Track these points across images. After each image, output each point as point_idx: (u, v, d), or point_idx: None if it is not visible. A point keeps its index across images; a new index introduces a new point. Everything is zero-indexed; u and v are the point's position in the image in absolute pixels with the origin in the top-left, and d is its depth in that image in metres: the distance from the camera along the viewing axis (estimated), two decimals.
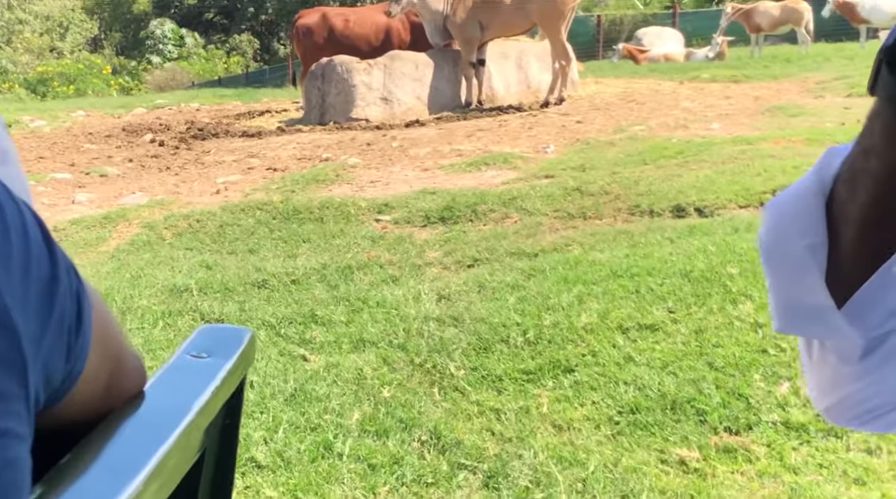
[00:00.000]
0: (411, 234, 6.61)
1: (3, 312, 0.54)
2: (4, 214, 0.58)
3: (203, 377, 0.91)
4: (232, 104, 18.12)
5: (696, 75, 15.87)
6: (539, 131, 10.23)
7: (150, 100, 19.56)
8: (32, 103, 23.35)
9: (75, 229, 7.81)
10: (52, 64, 43.83)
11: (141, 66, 49.24)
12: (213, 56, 52.14)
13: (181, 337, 4.65)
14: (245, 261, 6.24)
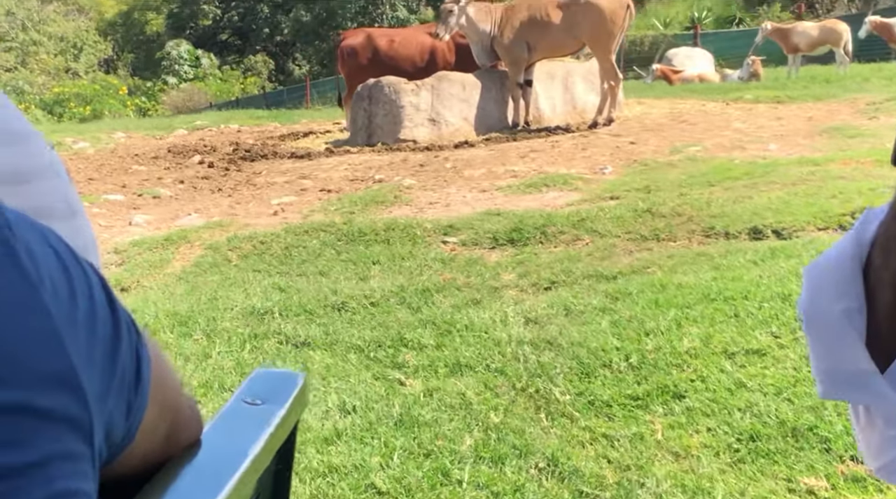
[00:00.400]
0: (481, 256, 6.56)
1: (71, 374, 0.56)
2: (71, 277, 0.59)
3: (258, 424, 0.93)
4: (272, 126, 18.17)
5: (739, 96, 15.76)
6: (593, 152, 10.17)
7: (189, 121, 19.64)
8: (71, 125, 23.46)
9: (137, 251, 7.81)
10: (69, 85, 44.21)
11: (157, 87, 49.63)
12: (229, 77, 52.47)
13: (268, 359, 4.62)
14: (318, 283, 6.20)
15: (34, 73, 47.17)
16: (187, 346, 4.91)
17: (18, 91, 43.09)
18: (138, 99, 47.22)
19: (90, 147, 15.82)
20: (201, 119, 19.90)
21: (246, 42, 59.03)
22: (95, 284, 0.62)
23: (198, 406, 0.89)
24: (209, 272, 6.93)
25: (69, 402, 0.55)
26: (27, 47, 51.42)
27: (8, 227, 0.56)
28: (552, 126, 12.76)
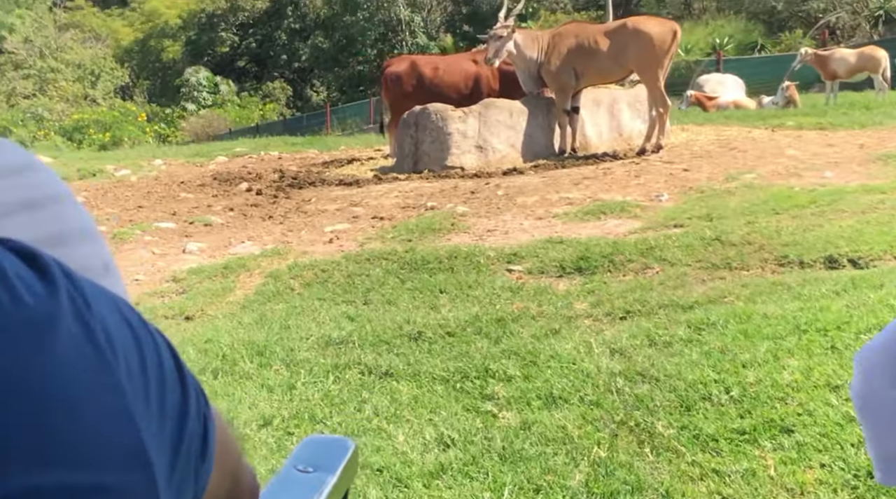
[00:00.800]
0: (550, 284, 6.49)
1: (140, 450, 0.56)
2: (142, 348, 0.58)
3: (310, 491, 0.95)
4: (311, 152, 18.17)
5: (781, 123, 15.63)
6: (647, 179, 10.11)
7: (229, 148, 19.70)
8: (110, 153, 23.59)
9: (197, 279, 7.80)
10: (88, 111, 44.50)
11: (176, 113, 49.98)
12: (248, 103, 52.79)
13: (354, 391, 4.56)
14: (387, 312, 6.15)
15: (53, 100, 47.52)
16: (269, 376, 4.86)
17: (38, 118, 43.42)
18: (157, 125, 47.59)
19: (132, 174, 15.87)
20: (240, 146, 19.94)
21: (263, 69, 59.47)
22: (164, 351, 0.62)
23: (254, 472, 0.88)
24: (273, 301, 6.90)
25: (139, 478, 0.55)
26: (45, 74, 51.89)
27: (86, 303, 0.55)
28: (599, 153, 12.71)
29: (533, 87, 13.00)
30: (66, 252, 0.79)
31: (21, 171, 0.81)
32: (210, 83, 53.03)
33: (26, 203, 0.79)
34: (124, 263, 8.81)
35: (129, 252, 9.38)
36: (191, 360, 5.23)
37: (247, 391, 4.65)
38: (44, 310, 0.51)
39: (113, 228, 10.74)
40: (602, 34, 12.32)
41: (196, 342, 5.61)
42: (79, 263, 0.78)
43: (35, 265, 0.54)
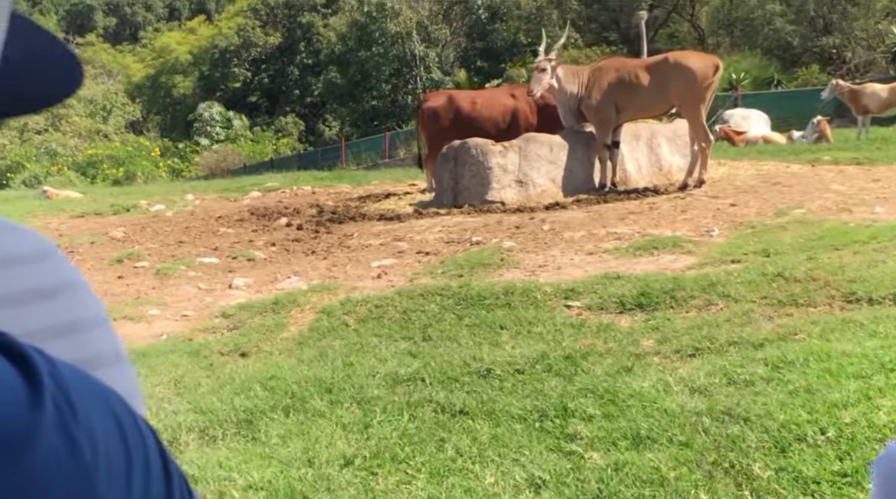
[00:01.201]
0: (612, 321, 6.40)
1: None
2: (129, 449, 0.57)
3: None
4: (344, 187, 18.15)
5: (817, 158, 15.49)
6: (694, 214, 10.02)
7: (260, 182, 19.70)
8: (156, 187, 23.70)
9: (248, 315, 7.75)
10: (101, 146, 44.82)
11: (189, 148, 50.30)
12: (262, 138, 53.12)
13: (430, 430, 4.48)
14: (449, 349, 6.08)
15: (66, 136, 47.88)
16: (342, 414, 4.79)
17: (51, 153, 43.73)
18: (170, 160, 47.92)
19: (167, 209, 15.90)
20: (272, 181, 19.95)
21: (275, 103, 59.97)
22: (152, 448, 0.60)
23: None
24: (329, 337, 6.84)
25: None
26: (56, 110, 52.40)
27: (72, 411, 0.53)
28: (640, 188, 12.64)
29: (573, 122, 12.96)
30: (80, 340, 0.80)
31: (37, 259, 0.81)
32: (223, 118, 53.49)
33: (42, 291, 0.79)
34: (171, 299, 8.79)
35: (174, 287, 9.36)
36: (258, 397, 5.17)
37: (322, 430, 4.57)
38: (23, 423, 0.49)
39: (155, 263, 10.73)
40: (643, 69, 12.29)
41: (260, 379, 5.55)
42: (92, 350, 0.81)
43: (22, 367, 0.52)
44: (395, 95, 48.27)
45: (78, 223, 15.11)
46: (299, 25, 59.07)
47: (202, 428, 4.77)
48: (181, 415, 4.98)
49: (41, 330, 0.78)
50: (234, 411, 4.95)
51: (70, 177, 37.98)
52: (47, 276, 0.81)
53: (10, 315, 0.77)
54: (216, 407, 5.05)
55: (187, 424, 4.80)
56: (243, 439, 4.64)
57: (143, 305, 8.52)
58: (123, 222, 14.54)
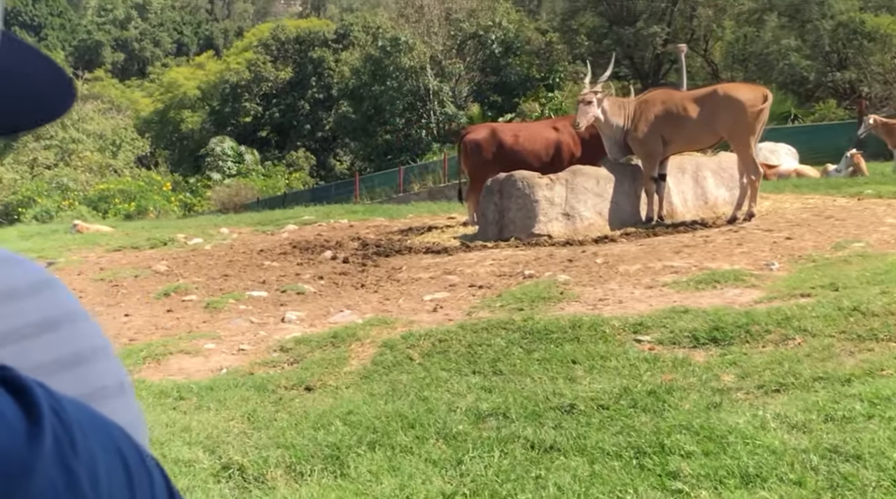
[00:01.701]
0: (687, 356, 6.28)
1: None
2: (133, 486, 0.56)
3: None
4: (379, 220, 18.08)
5: (860, 191, 15.33)
6: (750, 248, 9.90)
7: (296, 216, 19.69)
8: (189, 221, 23.72)
9: (307, 349, 7.67)
10: (112, 181, 45.08)
11: (201, 183, 50.54)
12: (274, 172, 53.33)
13: (525, 467, 4.38)
14: (522, 383, 5.98)
15: (77, 170, 48.15)
16: (430, 450, 4.70)
17: (63, 188, 43.91)
18: (182, 194, 48.12)
19: (205, 243, 15.88)
20: (306, 214, 19.92)
21: (285, 138, 60.30)
22: (158, 484, 0.60)
23: None
24: (394, 371, 6.75)
25: None
26: (66, 145, 52.72)
27: (72, 445, 0.53)
28: (688, 221, 12.52)
29: (619, 155, 12.88)
30: (83, 372, 0.80)
31: (36, 291, 0.80)
32: (235, 153, 53.85)
33: (43, 324, 0.78)
34: (225, 333, 8.73)
35: (226, 321, 9.30)
36: (340, 432, 5.08)
37: (414, 466, 4.48)
38: (21, 457, 0.49)
39: (203, 296, 10.68)
40: (691, 101, 12.21)
41: (338, 414, 5.46)
42: (95, 383, 0.80)
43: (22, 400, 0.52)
44: (409, 130, 48.38)
45: (117, 257, 15.11)
46: (310, 60, 59.53)
47: (288, 464, 4.69)
48: (264, 450, 4.89)
49: (43, 364, 0.77)
50: (317, 446, 4.87)
51: (81, 211, 38.11)
52: (48, 308, 0.80)
53: (12, 351, 0.76)
54: (298, 442, 4.96)
55: (273, 459, 4.72)
56: (332, 475, 4.55)
57: (197, 339, 8.45)
58: (164, 256, 14.52)
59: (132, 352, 8.12)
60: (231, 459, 4.81)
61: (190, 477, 4.67)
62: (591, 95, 12.37)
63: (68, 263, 14.61)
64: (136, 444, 0.61)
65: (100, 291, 11.61)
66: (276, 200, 41.59)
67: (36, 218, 36.82)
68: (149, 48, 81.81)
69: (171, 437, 5.32)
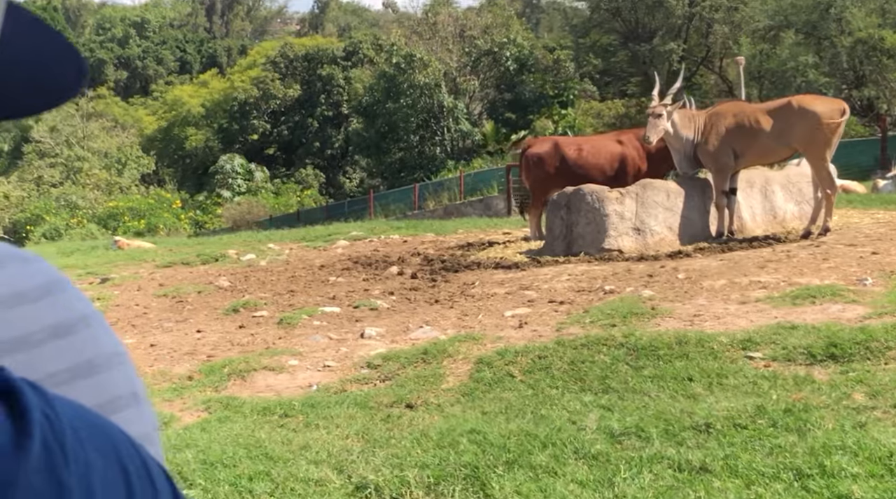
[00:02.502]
0: (808, 373, 6.08)
1: None
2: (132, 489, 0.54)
3: None
4: (429, 236, 17.90)
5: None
6: (837, 263, 9.67)
7: (344, 231, 19.58)
8: (233, 237, 23.67)
9: (396, 366, 7.54)
10: (122, 199, 45.28)
11: (211, 200, 50.68)
12: (286, 190, 53.41)
13: (681, 488, 4.18)
14: (643, 402, 5.80)
15: (86, 188, 48.31)
16: (574, 471, 4.53)
17: (71, 206, 44.03)
18: (192, 212, 48.20)
19: (259, 259, 15.76)
20: (354, 230, 19.79)
21: (293, 155, 60.39)
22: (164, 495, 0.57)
23: None
24: (497, 388, 6.60)
25: None
26: (72, 163, 52.90)
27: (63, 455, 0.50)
28: (760, 236, 12.29)
29: (688, 168, 12.67)
30: (97, 381, 0.76)
31: (47, 292, 0.76)
32: (244, 170, 53.97)
33: (56, 329, 0.75)
34: (304, 349, 8.59)
35: (303, 337, 9.15)
36: (469, 451, 4.91)
37: (564, 487, 4.29)
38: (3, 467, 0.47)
39: (274, 312, 10.55)
40: (764, 113, 11.98)
41: (461, 433, 5.28)
42: (109, 392, 0.77)
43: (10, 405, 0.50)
44: (423, 147, 48.30)
45: (170, 273, 15.02)
46: (319, 78, 59.63)
47: (427, 484, 4.51)
48: (395, 469, 4.71)
49: (56, 373, 0.74)
50: (452, 466, 4.69)
51: (91, 229, 38.21)
52: (60, 311, 0.76)
53: (22, 360, 0.72)
54: (430, 461, 4.79)
55: (410, 479, 4.54)
56: (475, 496, 4.37)
57: (278, 356, 8.31)
58: (220, 272, 14.43)
59: (213, 369, 8.00)
60: (365, 478, 4.64)
61: (325, 496, 4.51)
62: (661, 108, 12.17)
63: (122, 279, 14.54)
64: (142, 453, 0.58)
65: (164, 307, 11.51)
66: (290, 218, 41.63)
67: (45, 236, 36.99)
68: (152, 66, 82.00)
69: (293, 455, 5.16)
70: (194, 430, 5.98)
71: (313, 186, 56.33)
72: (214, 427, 6.01)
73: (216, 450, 5.34)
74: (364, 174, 55.69)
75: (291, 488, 4.66)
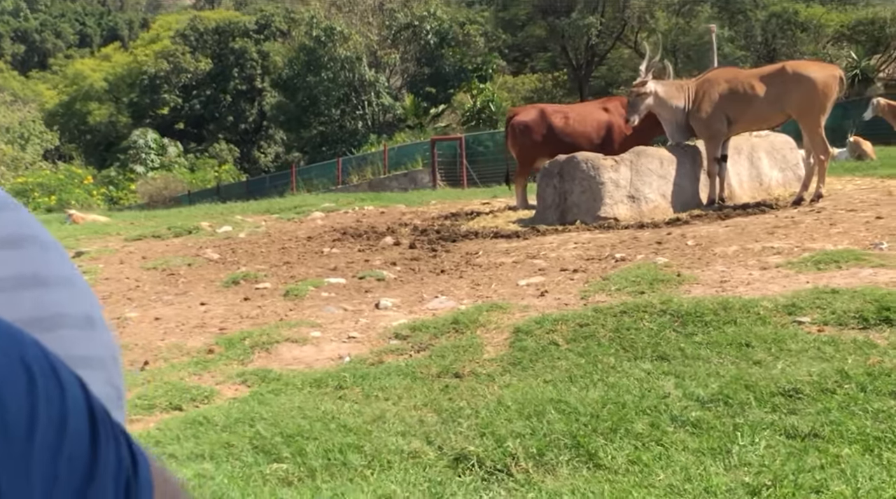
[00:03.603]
0: (867, 338, 6.05)
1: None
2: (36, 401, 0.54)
3: None
4: (402, 207, 17.72)
5: (891, 173, 15.15)
6: (846, 228, 9.73)
7: (312, 204, 19.30)
8: (197, 209, 23.21)
9: (427, 336, 7.42)
10: (31, 174, 44.38)
11: (124, 176, 49.93)
12: (202, 165, 52.80)
13: (802, 457, 4.12)
14: (706, 368, 5.72)
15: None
16: (681, 438, 4.43)
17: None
18: (104, 188, 47.35)
19: (236, 231, 15.44)
20: (325, 202, 19.53)
21: (205, 130, 59.66)
22: (74, 405, 0.57)
23: None
24: (545, 357, 6.49)
25: None
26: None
27: None
28: (752, 203, 12.33)
29: (681, 138, 12.66)
30: (41, 295, 0.76)
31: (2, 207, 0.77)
32: (158, 145, 53.20)
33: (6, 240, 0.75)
34: (322, 321, 8.41)
35: (315, 309, 8.97)
36: (561, 421, 4.79)
37: (683, 457, 4.20)
38: None
39: (277, 284, 10.33)
40: (758, 79, 11.99)
41: (540, 401, 5.16)
42: (53, 308, 0.76)
43: None
44: (344, 121, 48.02)
45: (146, 246, 14.66)
46: (231, 51, 58.87)
47: (531, 454, 4.39)
48: (492, 439, 4.59)
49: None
50: (549, 435, 4.57)
51: None
52: (10, 226, 0.76)
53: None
54: (523, 431, 4.68)
55: (513, 450, 4.42)
56: (585, 467, 4.27)
57: (297, 328, 8.12)
58: (200, 244, 14.11)
59: (232, 342, 7.80)
60: (462, 449, 4.51)
61: (425, 469, 4.38)
62: (641, 86, 12.14)
63: (98, 252, 14.14)
64: (53, 359, 0.57)
65: (157, 280, 11.21)
66: (209, 194, 41.11)
67: None
68: (50, 39, 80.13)
69: (372, 427, 5.03)
70: (251, 403, 5.80)
71: (228, 161, 55.56)
72: (271, 400, 5.83)
73: (289, 423, 5.18)
74: (280, 149, 55.05)
75: (388, 461, 4.52)
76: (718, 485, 3.81)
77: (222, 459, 4.79)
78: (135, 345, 7.91)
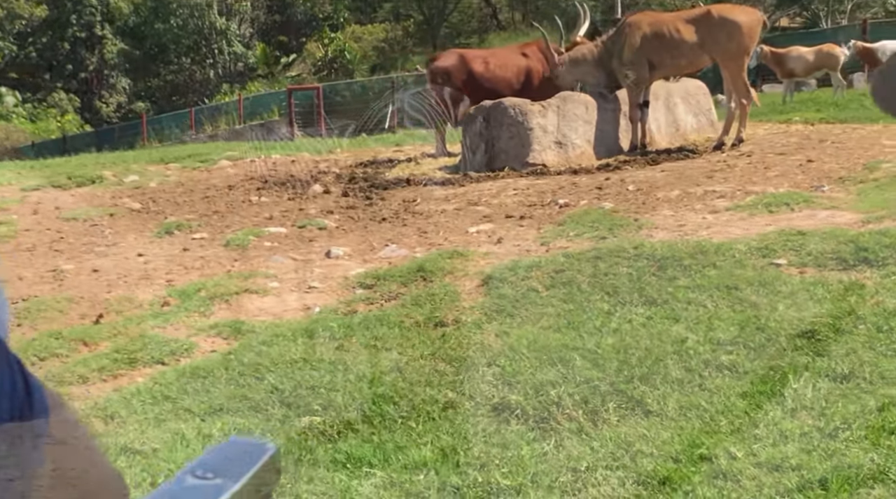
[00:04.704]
0: (854, 278, 6.13)
1: None
2: None
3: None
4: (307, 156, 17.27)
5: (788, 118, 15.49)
6: (782, 171, 9.91)
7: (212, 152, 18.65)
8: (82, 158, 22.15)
9: (395, 285, 7.32)
10: None
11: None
12: (43, 115, 51.15)
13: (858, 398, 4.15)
14: (713, 312, 5.71)
15: None
16: (718, 384, 4.40)
17: None
18: None
19: (147, 181, 14.75)
20: (228, 151, 18.86)
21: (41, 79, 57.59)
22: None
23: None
24: (527, 304, 6.42)
25: None
26: None
27: None
28: (674, 148, 12.45)
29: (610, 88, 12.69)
30: None
31: None
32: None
33: None
34: (275, 271, 8.15)
35: (262, 259, 8.70)
36: (584, 367, 4.71)
37: (734, 402, 4.17)
38: None
39: (214, 234, 9.98)
40: (684, 22, 12.04)
41: (560, 348, 5.08)
42: None
43: None
44: (195, 69, 47.00)
45: (50, 196, 13.90)
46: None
47: (575, 402, 4.31)
48: (530, 388, 4.49)
49: None
50: (592, 383, 4.50)
51: None
52: None
53: None
54: (555, 380, 4.59)
55: (557, 398, 4.33)
56: (635, 415, 4.21)
57: (252, 278, 7.86)
58: (111, 194, 13.50)
59: (186, 293, 7.51)
60: (502, 399, 4.40)
61: (462, 418, 4.25)
62: (555, 66, 12.33)
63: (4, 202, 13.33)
64: None
65: (80, 231, 10.69)
66: (55, 145, 39.67)
67: None
68: None
69: (393, 378, 4.86)
70: (248, 354, 5.58)
71: (69, 112, 53.54)
72: (266, 352, 5.60)
73: (303, 374, 4.98)
74: (123, 98, 53.30)
75: (427, 412, 4.37)
76: (792, 430, 3.80)
77: (245, 412, 4.57)
78: (80, 298, 7.51)
